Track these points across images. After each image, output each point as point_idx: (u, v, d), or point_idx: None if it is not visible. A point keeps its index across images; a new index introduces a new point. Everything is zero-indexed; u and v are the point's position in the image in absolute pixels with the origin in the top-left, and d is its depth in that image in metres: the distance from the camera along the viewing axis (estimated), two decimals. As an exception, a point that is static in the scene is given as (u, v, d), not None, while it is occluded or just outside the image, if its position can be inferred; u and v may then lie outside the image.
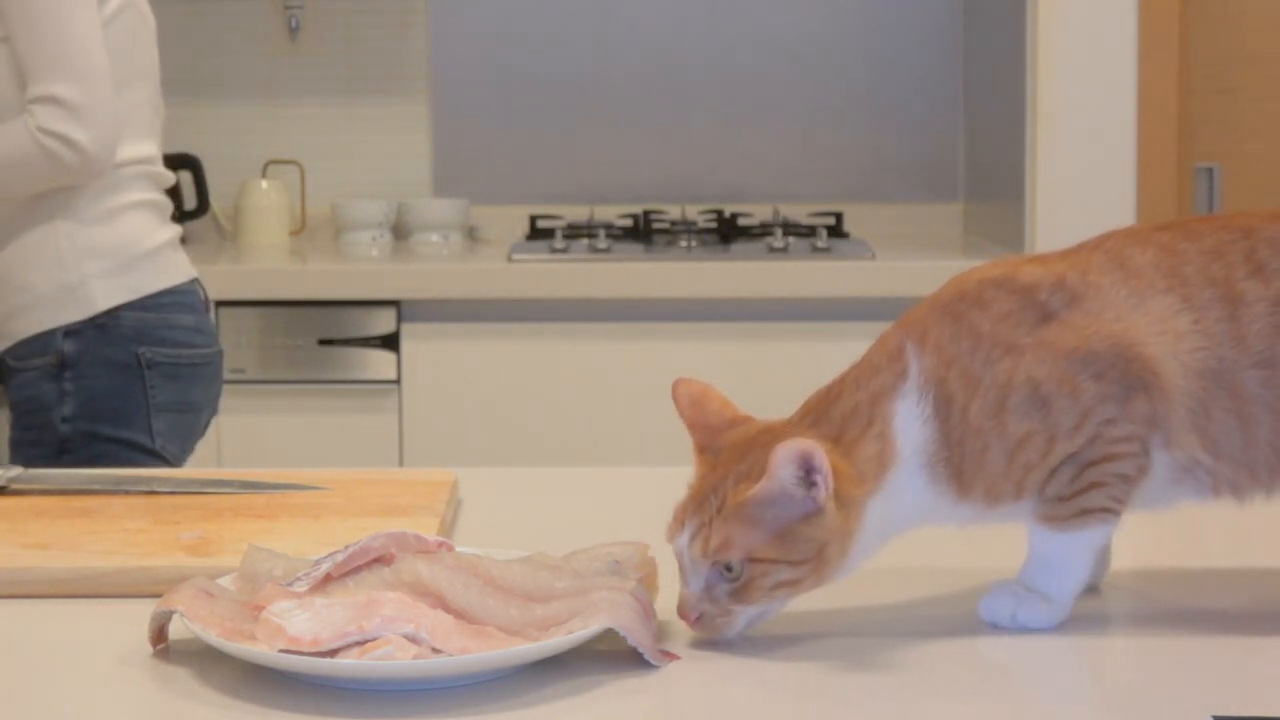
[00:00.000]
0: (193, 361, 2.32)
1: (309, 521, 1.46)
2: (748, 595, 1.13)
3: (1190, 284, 1.18)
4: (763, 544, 1.12)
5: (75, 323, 2.22)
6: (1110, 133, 3.30)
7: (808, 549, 1.12)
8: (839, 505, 1.12)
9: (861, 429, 1.15)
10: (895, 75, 3.91)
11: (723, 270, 3.34)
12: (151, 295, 2.26)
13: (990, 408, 1.15)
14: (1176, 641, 1.18)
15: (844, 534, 1.13)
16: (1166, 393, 1.16)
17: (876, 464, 1.15)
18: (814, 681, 1.11)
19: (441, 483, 1.57)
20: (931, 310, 1.20)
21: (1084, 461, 1.16)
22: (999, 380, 1.16)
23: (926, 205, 3.93)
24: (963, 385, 1.16)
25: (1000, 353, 1.16)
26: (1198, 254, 1.19)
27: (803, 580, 1.14)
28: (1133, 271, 1.18)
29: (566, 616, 1.13)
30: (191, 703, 1.08)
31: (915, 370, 1.16)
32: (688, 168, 3.94)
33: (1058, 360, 1.16)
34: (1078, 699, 1.10)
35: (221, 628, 1.12)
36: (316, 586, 1.16)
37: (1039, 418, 1.15)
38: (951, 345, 1.17)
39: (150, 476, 1.63)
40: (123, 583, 1.30)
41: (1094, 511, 1.17)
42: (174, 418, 2.29)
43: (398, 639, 1.08)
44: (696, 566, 1.14)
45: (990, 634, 1.18)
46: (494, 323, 3.33)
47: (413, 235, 3.82)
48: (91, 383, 2.23)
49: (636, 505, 1.59)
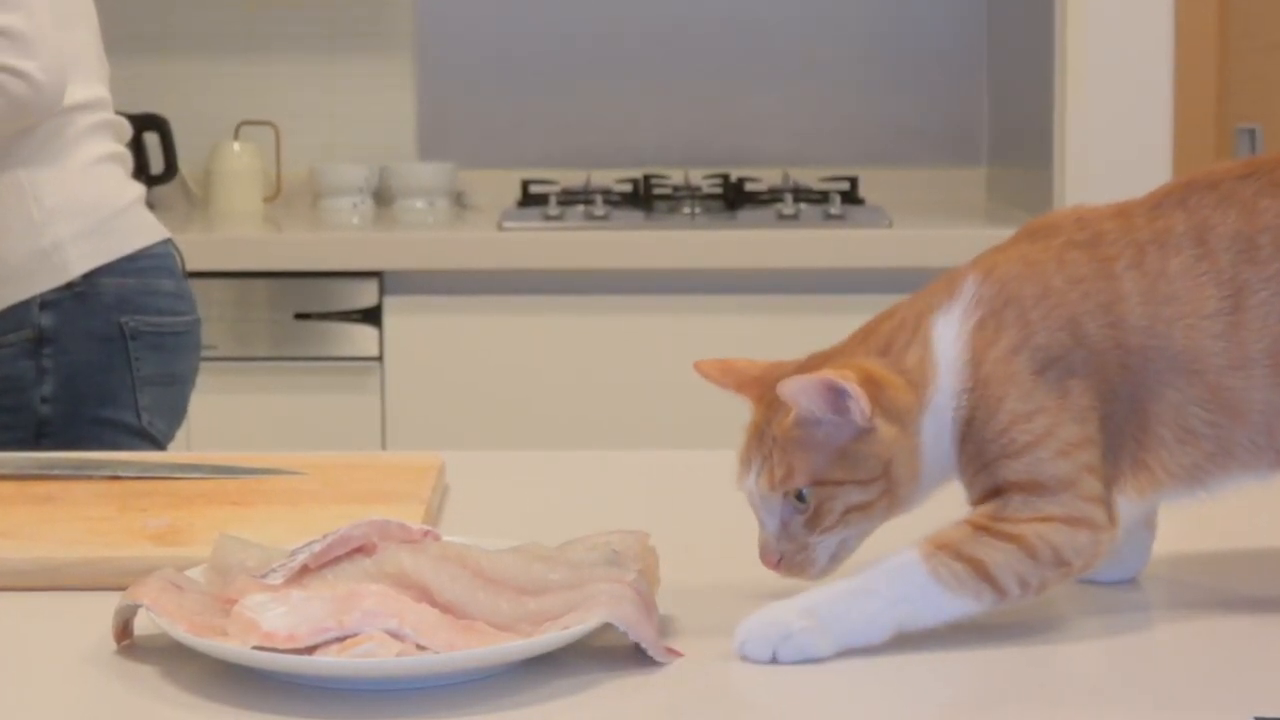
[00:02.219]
0: (175, 330, 2.32)
1: (285, 509, 1.46)
2: (821, 521, 1.16)
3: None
4: (826, 466, 1.15)
5: (52, 292, 2.20)
6: (1145, 93, 3.29)
7: (873, 466, 1.15)
8: (894, 419, 1.16)
9: (907, 339, 1.19)
10: (915, 30, 3.90)
11: (729, 239, 3.34)
12: (129, 257, 2.25)
13: (1031, 364, 1.16)
14: (1217, 636, 1.19)
15: (908, 448, 1.16)
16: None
17: (920, 375, 1.17)
18: (826, 679, 1.11)
19: (427, 467, 1.57)
20: (1003, 252, 1.22)
21: (1045, 486, 1.15)
22: (1050, 343, 1.17)
23: (948, 170, 3.93)
24: (1016, 323, 1.17)
25: (1062, 318, 1.17)
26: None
27: (875, 502, 1.16)
28: (1211, 250, 1.18)
29: (561, 611, 1.13)
30: (158, 702, 1.08)
31: (970, 292, 1.19)
32: (692, 129, 3.93)
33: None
34: (1114, 698, 1.10)
35: (190, 623, 1.12)
36: (293, 579, 1.16)
37: (1057, 402, 1.16)
38: (1015, 284, 1.19)
39: (115, 460, 1.63)
40: (85, 574, 1.30)
41: (987, 576, 1.14)
42: (159, 392, 2.29)
43: (380, 635, 1.08)
44: (768, 503, 1.17)
45: (1016, 630, 1.17)
46: (483, 296, 3.33)
47: (396, 202, 3.82)
48: (73, 358, 2.22)
49: (636, 491, 1.60)
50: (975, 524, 1.16)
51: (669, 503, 1.54)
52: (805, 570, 1.18)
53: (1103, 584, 1.27)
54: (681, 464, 1.75)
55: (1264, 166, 1.21)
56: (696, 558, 1.32)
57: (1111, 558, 1.25)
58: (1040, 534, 1.15)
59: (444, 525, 1.47)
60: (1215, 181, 1.21)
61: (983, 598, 1.14)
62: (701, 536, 1.39)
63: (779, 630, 1.13)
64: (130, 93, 2.39)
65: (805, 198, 3.59)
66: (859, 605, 1.14)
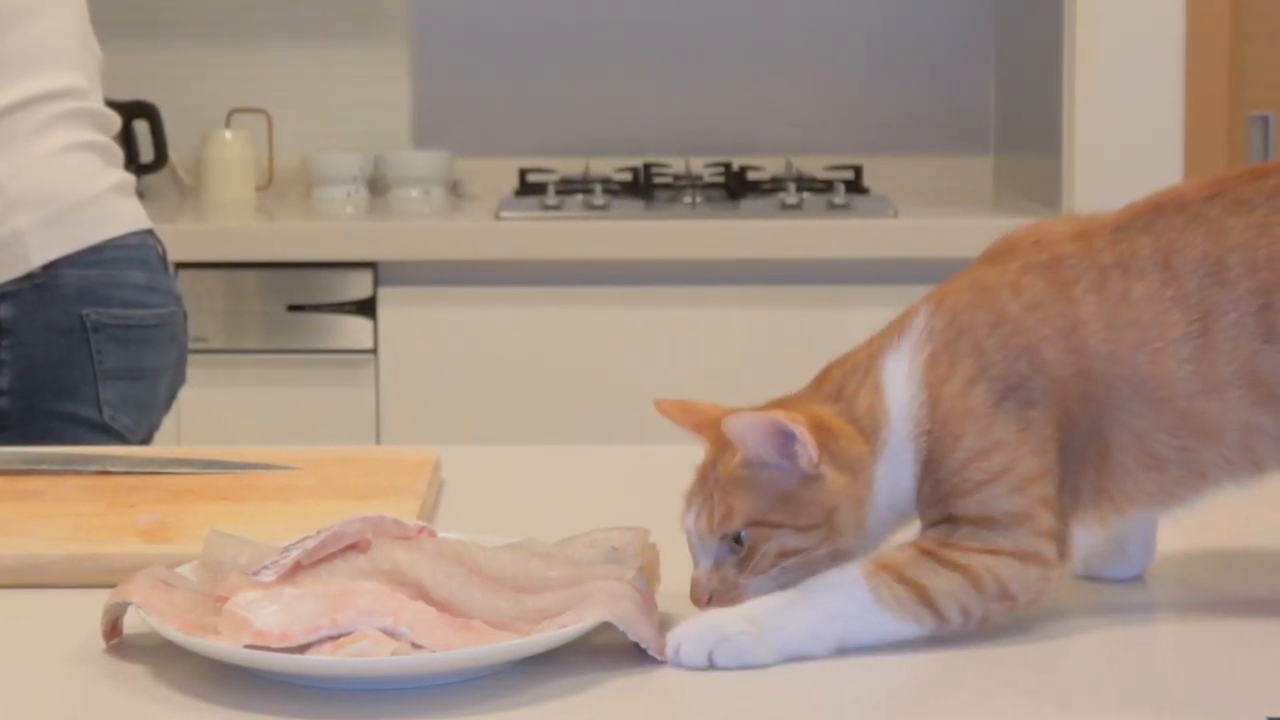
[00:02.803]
0: (145, 323, 2.31)
1: (277, 504, 1.46)
2: (752, 563, 1.15)
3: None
4: (766, 508, 1.15)
5: (10, 283, 2.18)
6: (1156, 79, 3.29)
7: (814, 514, 1.15)
8: (843, 467, 1.15)
9: (859, 383, 1.18)
10: (920, 15, 3.90)
11: (731, 229, 3.34)
12: (93, 248, 2.23)
13: (989, 395, 1.15)
14: (1225, 635, 1.18)
15: (855, 499, 1.15)
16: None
17: (871, 421, 1.17)
18: (826, 678, 1.11)
19: (423, 462, 1.57)
20: (957, 280, 1.21)
21: (996, 521, 1.15)
22: (1008, 372, 1.16)
23: (954, 158, 3.93)
24: (970, 354, 1.16)
25: (1019, 346, 1.16)
26: (1248, 233, 1.18)
27: (812, 548, 1.15)
28: (1177, 275, 1.17)
29: (560, 609, 1.13)
30: (148, 702, 1.08)
31: (920, 326, 1.18)
32: (693, 116, 3.93)
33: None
34: (1124, 699, 1.10)
35: (181, 621, 1.12)
36: (285, 576, 1.16)
37: (1016, 435, 1.15)
38: (968, 313, 1.18)
39: (104, 455, 1.63)
40: (73, 571, 1.30)
41: (928, 601, 1.13)
42: (125, 386, 2.28)
43: (374, 633, 1.08)
44: (705, 544, 1.17)
45: (1025, 630, 1.17)
46: (480, 287, 3.33)
47: (391, 191, 3.82)
48: (31, 350, 2.21)
49: (636, 486, 1.59)
50: (921, 548, 1.15)
51: (670, 499, 1.53)
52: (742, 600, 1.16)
53: (1108, 582, 1.27)
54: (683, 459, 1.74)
55: (1228, 185, 1.20)
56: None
57: (1116, 555, 1.26)
58: (988, 566, 1.14)
59: (440, 521, 1.47)
60: (1183, 203, 1.20)
61: (923, 622, 1.13)
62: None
63: (716, 635, 1.12)
64: (119, 80, 2.39)
65: (809, 187, 3.59)
66: (799, 615, 1.13)
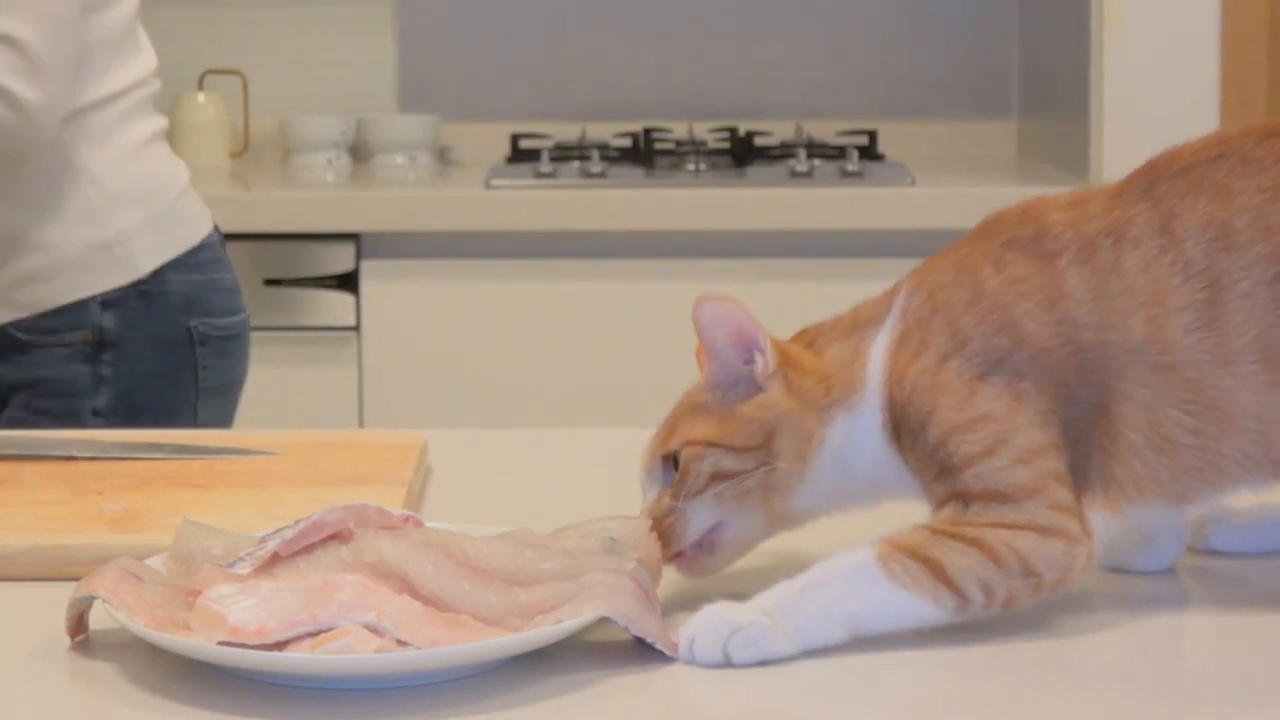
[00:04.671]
0: (235, 332, 2.25)
1: (253, 491, 1.47)
2: (685, 483, 1.19)
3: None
4: (705, 429, 1.19)
5: (115, 290, 2.11)
6: (1189, 38, 3.29)
7: (753, 435, 1.18)
8: (794, 394, 1.19)
9: (838, 336, 1.23)
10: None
11: (737, 198, 3.34)
12: (193, 250, 2.17)
13: (968, 370, 1.17)
14: (1258, 626, 1.19)
15: (800, 430, 1.19)
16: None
17: (845, 377, 1.20)
18: (840, 673, 1.11)
19: (408, 446, 1.57)
20: (942, 257, 1.25)
21: (1005, 494, 1.15)
22: (988, 347, 1.18)
23: (975, 123, 3.93)
24: (944, 332, 1.19)
25: (998, 322, 1.18)
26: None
27: (747, 473, 1.18)
28: (1177, 240, 1.18)
29: (554, 603, 1.13)
30: (116, 702, 1.09)
31: (899, 305, 1.22)
32: (696, 78, 3.93)
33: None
34: (1152, 690, 1.10)
35: (151, 616, 1.12)
36: (262, 568, 1.16)
37: (1008, 407, 1.16)
38: (945, 291, 1.21)
39: (69, 440, 1.63)
40: (36, 563, 1.30)
41: (945, 578, 1.13)
42: (218, 403, 2.20)
43: (357, 629, 1.08)
44: (652, 474, 1.22)
45: (1049, 625, 1.17)
46: (469, 260, 3.33)
47: (374, 158, 3.82)
48: (135, 365, 2.15)
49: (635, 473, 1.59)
50: (934, 528, 1.16)
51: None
52: (675, 539, 1.20)
53: (1137, 574, 1.27)
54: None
55: (1233, 143, 1.21)
56: (701, 545, 1.33)
57: (1145, 546, 1.26)
58: (1005, 540, 1.14)
59: (426, 510, 1.47)
60: (1185, 166, 1.21)
61: (943, 602, 1.13)
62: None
63: (730, 626, 1.12)
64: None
65: (820, 153, 3.59)
66: (810, 600, 1.13)
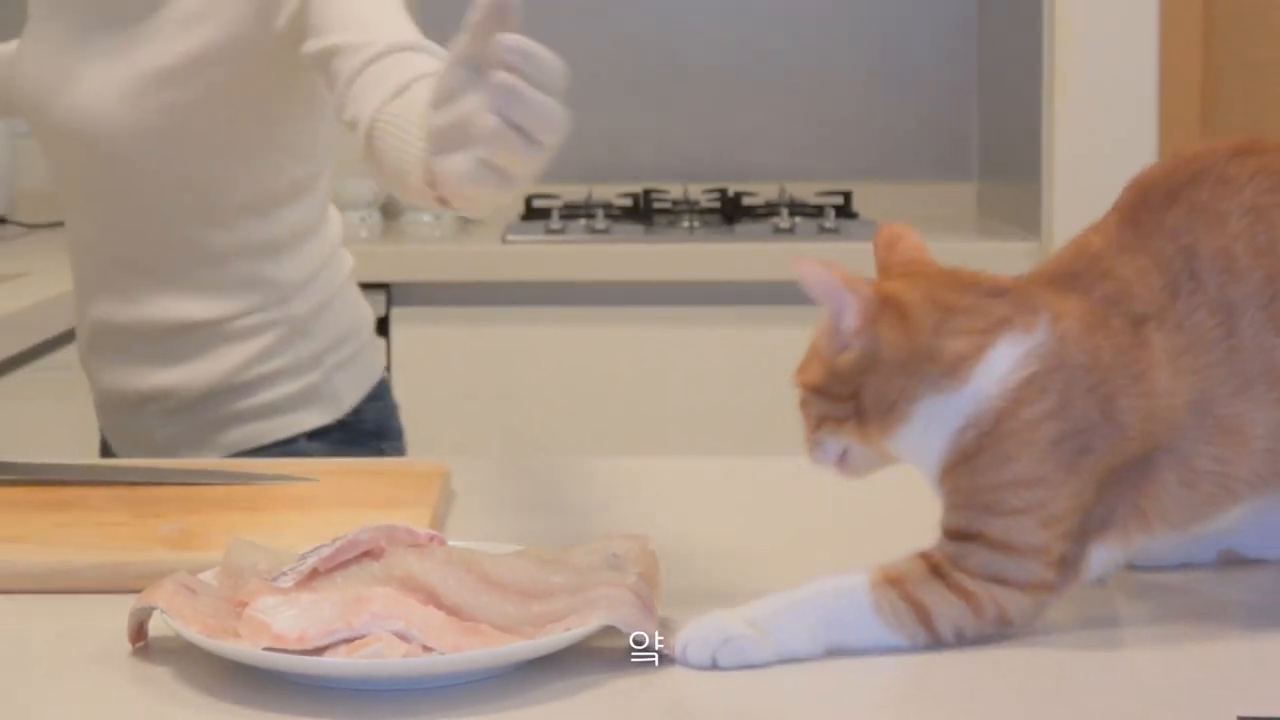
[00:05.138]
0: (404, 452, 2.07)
1: (296, 514, 1.46)
2: (809, 421, 1.17)
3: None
4: (814, 372, 1.16)
5: (321, 426, 1.95)
6: (1131, 109, 3.29)
7: (841, 386, 1.15)
8: (888, 357, 1.13)
9: (973, 328, 1.13)
10: (907, 46, 3.90)
11: (726, 252, 3.34)
12: (379, 383, 2.01)
13: (1054, 433, 1.11)
14: (1198, 636, 1.17)
15: (883, 394, 1.13)
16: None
17: (954, 365, 1.12)
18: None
19: (433, 474, 1.57)
20: (1066, 294, 1.15)
21: (1016, 550, 1.12)
22: (1080, 416, 1.12)
23: (939, 184, 3.93)
24: (1060, 391, 1.11)
25: (1101, 395, 1.12)
26: None
27: (844, 423, 1.15)
28: (1199, 280, 1.13)
29: (564, 613, 1.13)
30: (172, 703, 1.08)
31: (1039, 338, 1.12)
32: (690, 144, 3.93)
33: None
34: (1095, 699, 1.09)
35: (203, 624, 1.12)
36: (303, 582, 1.16)
37: (1062, 476, 1.12)
38: (1073, 350, 1.12)
39: (129, 467, 1.62)
40: (101, 578, 1.30)
41: (927, 622, 1.12)
42: None
43: (387, 636, 1.08)
44: (805, 402, 1.19)
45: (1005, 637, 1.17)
46: (488, 307, 3.33)
47: (403, 215, 3.81)
48: None
49: (636, 496, 1.59)
50: (933, 565, 1.14)
51: (669, 508, 1.54)
52: (814, 457, 1.19)
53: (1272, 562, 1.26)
54: (681, 470, 1.75)
55: (1207, 163, 1.18)
56: (696, 562, 1.32)
57: (1261, 532, 1.26)
58: (993, 595, 1.13)
59: (450, 530, 1.46)
60: (1172, 192, 1.17)
61: (916, 640, 1.13)
62: (701, 542, 1.39)
63: (720, 636, 1.11)
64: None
65: (801, 211, 3.58)
66: (798, 619, 1.12)
